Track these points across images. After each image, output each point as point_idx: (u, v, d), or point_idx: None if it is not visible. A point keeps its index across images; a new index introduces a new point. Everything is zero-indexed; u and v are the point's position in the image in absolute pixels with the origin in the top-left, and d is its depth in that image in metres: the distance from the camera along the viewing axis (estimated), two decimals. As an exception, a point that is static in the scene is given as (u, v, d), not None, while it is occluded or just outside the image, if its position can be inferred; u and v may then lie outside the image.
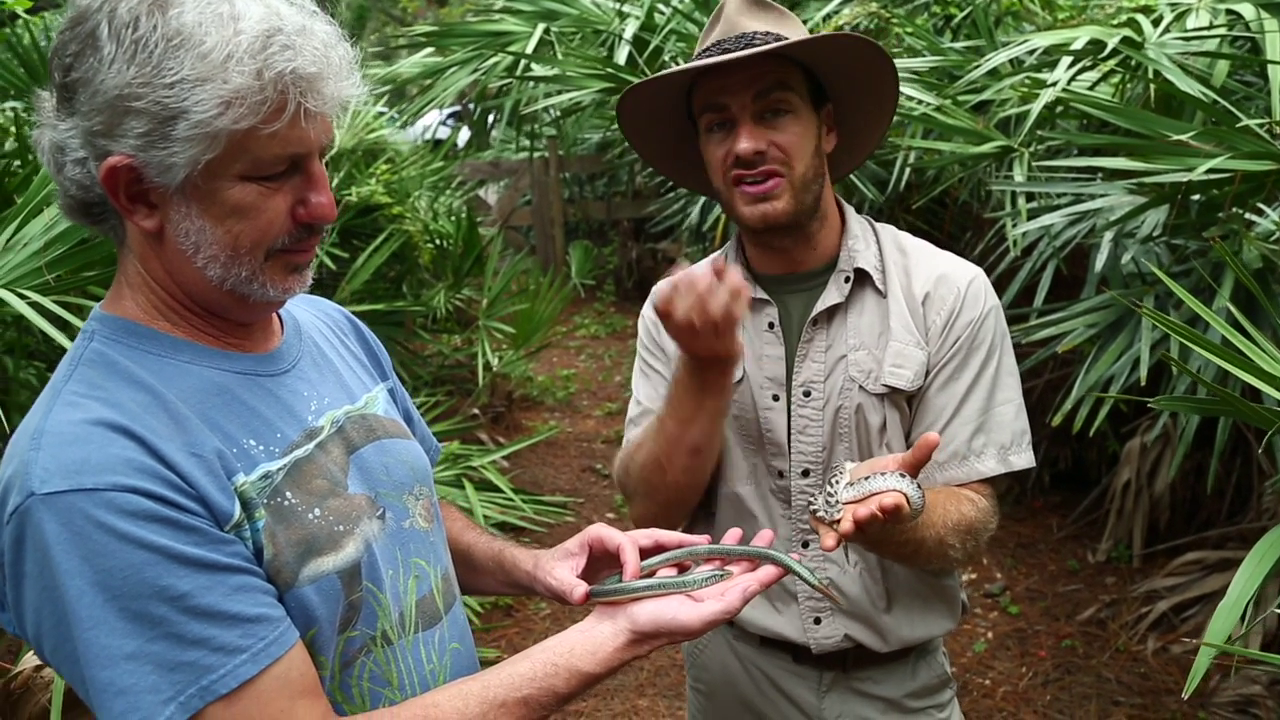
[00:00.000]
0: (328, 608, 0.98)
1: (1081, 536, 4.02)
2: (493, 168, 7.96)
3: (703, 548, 1.16)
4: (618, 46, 3.91)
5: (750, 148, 1.36)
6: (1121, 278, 2.94)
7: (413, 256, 4.96)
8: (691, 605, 1.03)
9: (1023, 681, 3.23)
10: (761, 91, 1.37)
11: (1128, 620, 3.44)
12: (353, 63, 0.97)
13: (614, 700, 3.30)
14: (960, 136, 3.15)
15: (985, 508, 1.39)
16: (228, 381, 1.00)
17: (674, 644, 1.04)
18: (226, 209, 0.93)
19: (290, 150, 0.94)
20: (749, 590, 1.04)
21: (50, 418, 0.90)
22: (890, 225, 1.54)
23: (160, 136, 0.88)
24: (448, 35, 3.59)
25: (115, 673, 0.85)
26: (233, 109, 0.88)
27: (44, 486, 0.85)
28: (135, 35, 0.87)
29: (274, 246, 0.97)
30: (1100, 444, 4.05)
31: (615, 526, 1.21)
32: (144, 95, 0.87)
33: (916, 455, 1.13)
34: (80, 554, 0.84)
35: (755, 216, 1.40)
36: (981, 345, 1.42)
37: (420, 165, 5.42)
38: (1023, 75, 3.11)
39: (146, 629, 0.85)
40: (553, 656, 1.01)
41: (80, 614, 0.84)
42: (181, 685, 0.86)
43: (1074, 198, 2.94)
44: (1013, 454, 1.42)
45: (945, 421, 1.41)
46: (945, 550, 1.30)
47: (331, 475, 1.04)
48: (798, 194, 1.39)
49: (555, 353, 6.89)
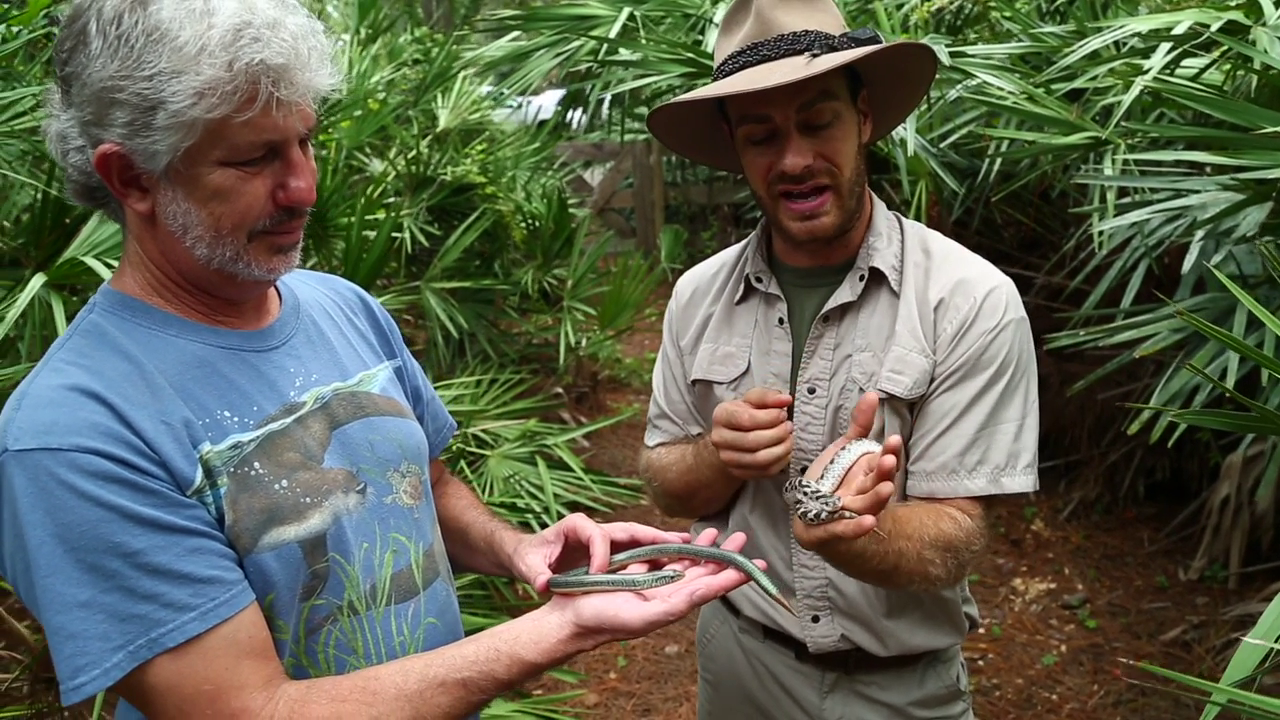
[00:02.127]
0: (287, 575, 1.03)
1: (1174, 552, 3.80)
2: (596, 149, 8.00)
3: (673, 546, 1.16)
4: (708, 30, 3.87)
5: (799, 163, 1.32)
6: (1218, 280, 2.75)
7: (504, 236, 5.07)
8: (636, 604, 1.03)
9: (1092, 700, 3.09)
10: (806, 103, 1.31)
11: (1216, 644, 3.24)
12: (325, 54, 1.01)
13: (667, 684, 3.32)
14: (1050, 126, 3.00)
15: (969, 527, 1.32)
16: (210, 355, 1.06)
17: (617, 640, 1.04)
18: (208, 193, 0.99)
19: (265, 137, 0.98)
20: (696, 594, 1.04)
21: (35, 381, 0.98)
22: (921, 225, 1.49)
23: (143, 126, 0.94)
24: (533, 19, 3.63)
25: (68, 618, 0.91)
26: (206, 99, 0.93)
27: (16, 444, 0.93)
28: (119, 30, 0.93)
29: (256, 228, 1.02)
30: (1202, 455, 3.82)
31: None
32: (125, 87, 0.93)
33: (860, 423, 1.16)
34: (43, 508, 0.91)
35: (803, 232, 1.37)
36: (993, 359, 1.35)
37: (518, 146, 5.51)
38: (1122, 60, 2.94)
39: (100, 581, 0.91)
40: (497, 642, 1.04)
41: (40, 562, 0.91)
42: (131, 635, 0.91)
43: (1170, 193, 2.76)
44: (1006, 476, 1.34)
45: (939, 432, 1.35)
46: (926, 567, 1.25)
47: (306, 449, 1.08)
48: (844, 202, 1.36)
49: (646, 336, 6.91)
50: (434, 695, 1.00)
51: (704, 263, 1.64)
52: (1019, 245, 4.56)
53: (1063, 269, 3.97)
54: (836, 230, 1.37)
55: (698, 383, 1.54)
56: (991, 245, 4.42)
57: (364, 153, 4.97)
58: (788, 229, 1.38)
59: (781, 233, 1.42)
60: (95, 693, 0.91)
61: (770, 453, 1.28)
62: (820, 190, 1.34)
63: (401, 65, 5.84)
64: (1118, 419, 4.04)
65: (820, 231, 1.36)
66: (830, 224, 1.36)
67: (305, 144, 1.04)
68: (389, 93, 5.28)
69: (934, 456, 1.35)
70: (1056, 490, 4.27)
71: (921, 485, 1.36)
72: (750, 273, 1.50)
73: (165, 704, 0.94)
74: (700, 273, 1.63)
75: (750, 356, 1.48)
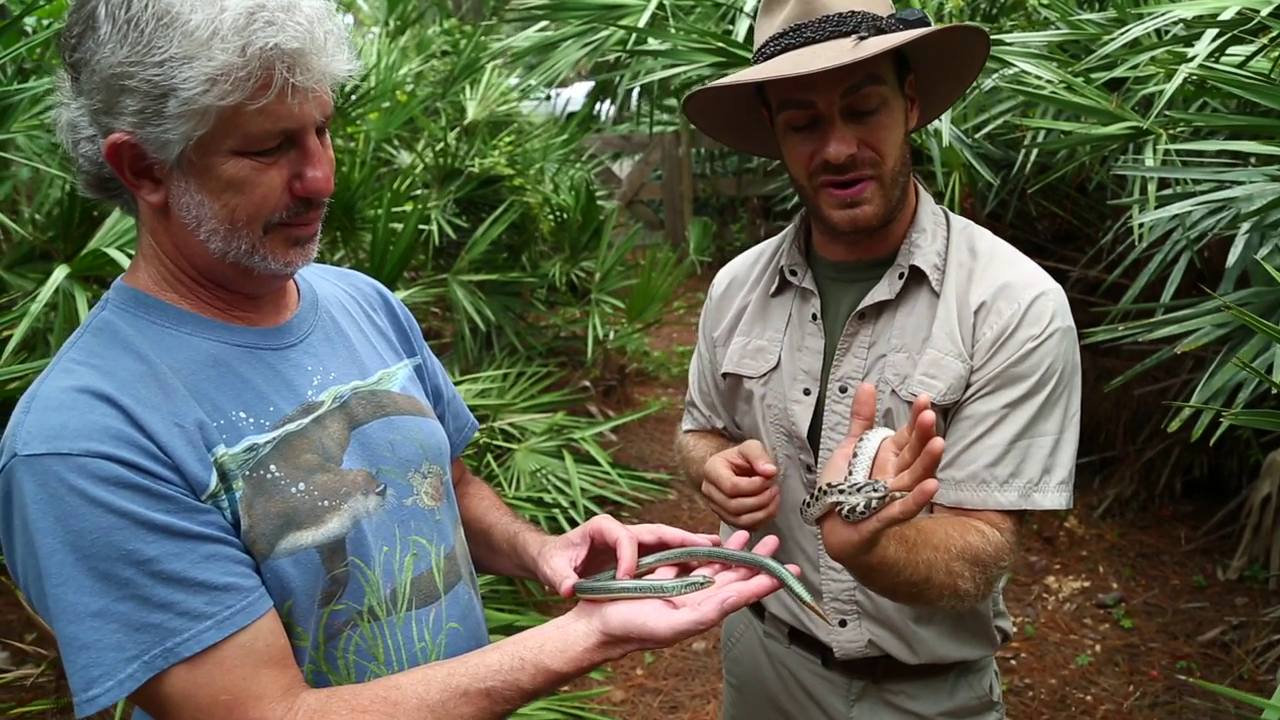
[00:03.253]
0: (305, 580, 1.00)
1: (1212, 551, 3.72)
2: (624, 141, 7.97)
3: (702, 549, 1.12)
4: (738, 20, 3.82)
5: (842, 152, 1.26)
6: (1264, 274, 2.67)
7: (532, 228, 5.05)
8: (665, 612, 0.99)
9: (1128, 701, 3.03)
10: (852, 87, 1.25)
11: (1256, 646, 3.17)
12: (342, 38, 0.97)
13: (694, 681, 3.29)
14: (1089, 116, 2.93)
15: (998, 542, 1.25)
16: (224, 354, 1.02)
17: (645, 649, 1.01)
18: (222, 183, 0.95)
19: (281, 125, 0.95)
20: (728, 602, 0.99)
21: (44, 383, 0.95)
22: (971, 222, 1.43)
23: (154, 113, 0.91)
24: (561, 8, 3.60)
25: (80, 628, 0.88)
26: (218, 85, 0.89)
27: (25, 448, 0.90)
28: (128, 15, 0.90)
29: (272, 220, 0.99)
30: (1242, 453, 3.73)
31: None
32: (135, 74, 0.90)
33: (864, 415, 1.08)
34: (54, 514, 0.88)
35: (845, 221, 1.31)
36: (1034, 369, 1.28)
37: (547, 137, 5.49)
38: (1164, 49, 2.86)
39: (114, 589, 0.88)
40: (522, 650, 1.00)
41: (51, 571, 0.89)
42: (146, 645, 0.89)
43: (1214, 185, 2.69)
44: (1038, 492, 1.28)
45: (971, 440, 1.29)
46: (956, 581, 1.18)
47: (324, 450, 1.05)
48: (887, 192, 1.31)
49: (674, 329, 6.88)
50: (457, 705, 0.97)
51: (743, 254, 1.61)
52: (1054, 238, 4.47)
53: (1099, 263, 3.89)
54: (879, 220, 1.32)
55: (728, 376, 1.51)
56: (1026, 238, 4.34)
57: (392, 145, 4.97)
58: (829, 218, 1.33)
59: (821, 223, 1.36)
60: (109, 704, 0.89)
61: (750, 517, 1.29)
62: (863, 180, 1.29)
63: (430, 57, 5.84)
64: (1154, 415, 3.96)
65: (863, 220, 1.31)
66: (872, 213, 1.31)
67: (323, 132, 1.01)
68: (417, 85, 5.27)
69: (964, 465, 1.29)
70: (1091, 487, 4.20)
71: (949, 494, 1.30)
72: (785, 265, 1.45)
73: (181, 714, 0.91)
74: (738, 264, 1.60)
75: (781, 352, 1.44)
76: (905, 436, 1.02)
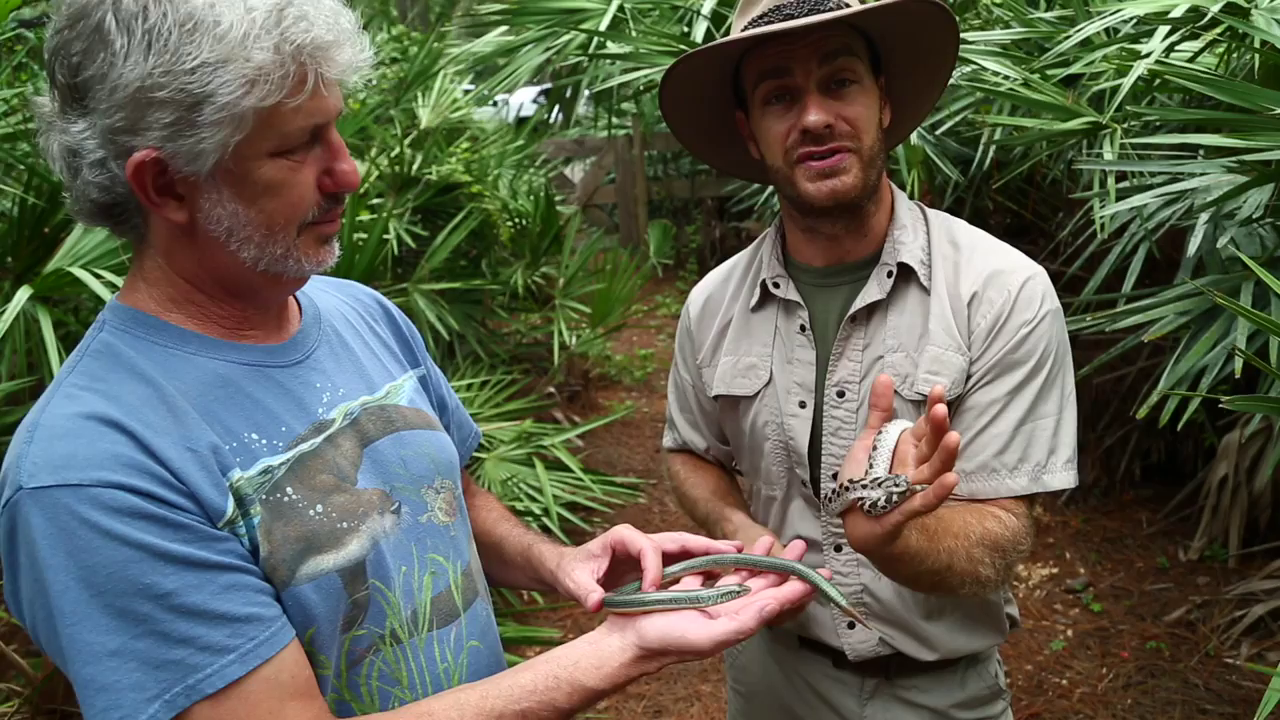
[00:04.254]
0: (328, 606, 0.97)
1: (1173, 533, 3.82)
2: (577, 145, 7.95)
3: (729, 556, 1.10)
4: (695, 22, 3.84)
5: (820, 120, 1.26)
6: (1220, 262, 2.76)
7: (491, 235, 5.01)
8: (703, 623, 0.98)
9: (1102, 683, 3.10)
10: (829, 55, 1.27)
11: (1220, 624, 3.26)
12: (359, 29, 0.95)
13: (677, 684, 3.29)
14: (1047, 112, 3.00)
15: (1015, 527, 1.27)
16: (232, 373, 0.99)
17: (684, 661, 0.99)
18: (259, 188, 0.93)
19: (313, 121, 0.93)
20: (766, 610, 0.98)
21: (47, 411, 0.91)
22: (945, 213, 1.44)
23: (186, 124, 0.87)
24: (522, 13, 3.58)
25: (98, 669, 0.84)
26: (258, 87, 0.87)
27: (31, 481, 0.85)
28: (146, 25, 0.86)
29: (305, 219, 0.96)
30: (1197, 436, 3.84)
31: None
32: (166, 84, 0.86)
33: (881, 407, 1.09)
34: (65, 550, 0.84)
35: (824, 193, 1.29)
36: (1031, 353, 1.30)
37: (502, 144, 5.46)
38: (1117, 46, 2.94)
39: (131, 626, 0.84)
40: (555, 669, 0.98)
41: (65, 609, 0.84)
42: (167, 684, 0.85)
43: (1169, 177, 2.77)
44: (1048, 474, 1.30)
45: (977, 430, 1.30)
46: (977, 568, 1.20)
47: (339, 470, 1.02)
48: (865, 169, 1.31)
49: (635, 332, 6.88)
50: None
51: (712, 272, 1.60)
52: (1008, 232, 4.56)
53: (1057, 256, 3.97)
54: (858, 196, 1.31)
55: (720, 398, 1.49)
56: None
57: (346, 154, 4.90)
58: (805, 193, 1.31)
59: (802, 202, 1.33)
60: None
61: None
62: (840, 151, 1.29)
63: (380, 64, 5.77)
64: (1113, 402, 4.06)
65: (842, 191, 1.29)
66: (852, 184, 1.29)
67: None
68: (368, 92, 5.20)
69: (972, 456, 1.30)
70: (1053, 475, 4.28)
71: (961, 486, 1.30)
72: (767, 278, 1.44)
73: None
74: (712, 282, 1.58)
75: (772, 366, 1.43)
76: (923, 428, 1.02)
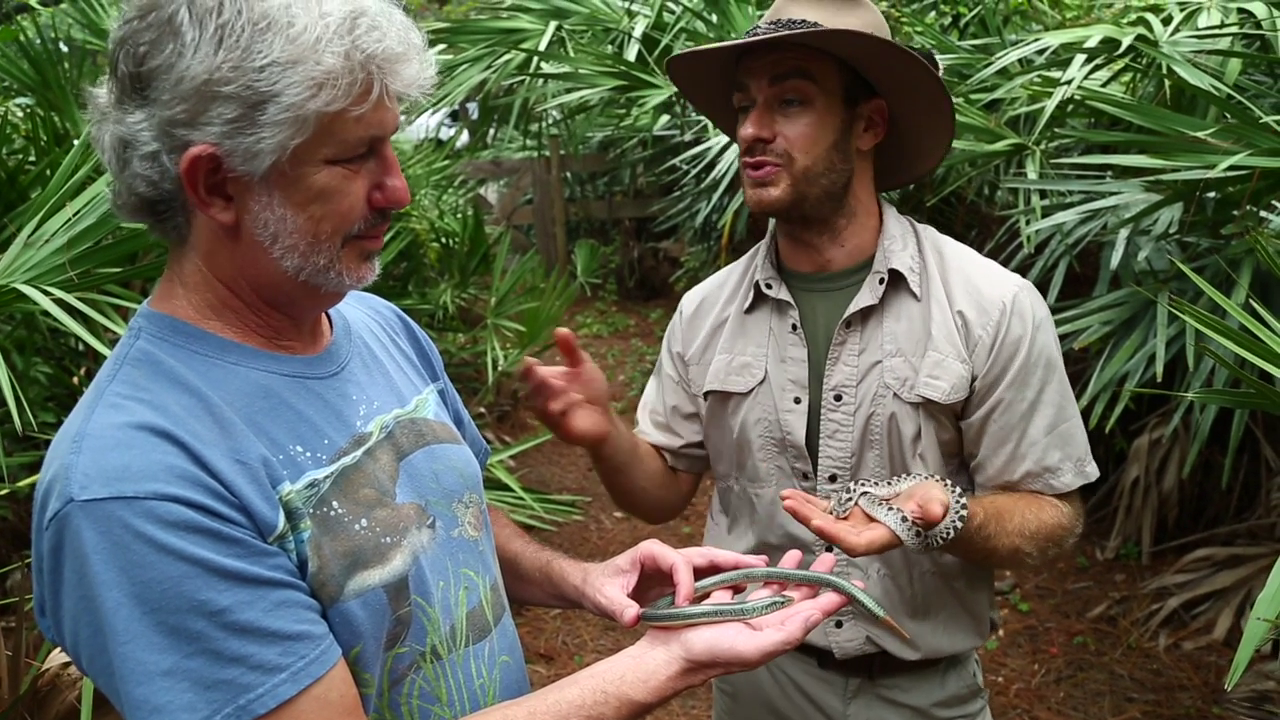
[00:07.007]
0: (374, 623, 0.95)
1: (1090, 534, 4.03)
2: (494, 167, 7.95)
3: (760, 570, 1.11)
4: (627, 45, 3.92)
5: (752, 134, 1.38)
6: (1134, 275, 2.95)
7: (419, 255, 4.96)
8: (750, 634, 0.98)
9: (1036, 679, 3.24)
10: (777, 77, 1.37)
11: (1139, 617, 3.46)
12: (426, 45, 0.96)
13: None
14: (972, 135, 3.16)
15: (1069, 513, 1.40)
16: (274, 384, 0.97)
17: (730, 673, 1.00)
18: (311, 195, 0.92)
19: (372, 132, 0.92)
20: (811, 619, 0.98)
21: (92, 420, 0.87)
22: (932, 227, 1.51)
23: (248, 122, 0.86)
24: (460, 32, 3.59)
25: (151, 689, 0.82)
26: (325, 91, 0.87)
27: (84, 493, 0.82)
28: (220, 20, 0.85)
29: (351, 232, 0.96)
30: (1108, 441, 4.06)
31: (622, 527, 1.18)
32: (234, 79, 0.85)
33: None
34: (119, 565, 0.81)
35: (752, 201, 1.42)
36: (1039, 362, 1.38)
37: (426, 164, 5.42)
38: (1033, 74, 3.13)
39: (184, 645, 0.82)
40: (602, 684, 0.97)
41: (117, 627, 0.82)
42: (219, 704, 0.83)
43: (1086, 195, 2.95)
44: (1088, 465, 1.42)
45: (1014, 444, 1.39)
46: (1020, 557, 1.33)
47: (380, 484, 1.01)
48: (798, 185, 1.38)
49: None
50: None
51: (710, 278, 1.65)
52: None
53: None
54: (787, 208, 1.40)
55: (712, 394, 1.53)
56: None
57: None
58: (746, 198, 1.43)
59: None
60: None
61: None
62: (765, 165, 1.39)
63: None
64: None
65: (767, 203, 1.39)
66: (776, 197, 1.39)
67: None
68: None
69: (1015, 470, 1.40)
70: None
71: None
72: (760, 279, 1.50)
73: None
74: (707, 286, 1.63)
75: (767, 365, 1.48)
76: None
